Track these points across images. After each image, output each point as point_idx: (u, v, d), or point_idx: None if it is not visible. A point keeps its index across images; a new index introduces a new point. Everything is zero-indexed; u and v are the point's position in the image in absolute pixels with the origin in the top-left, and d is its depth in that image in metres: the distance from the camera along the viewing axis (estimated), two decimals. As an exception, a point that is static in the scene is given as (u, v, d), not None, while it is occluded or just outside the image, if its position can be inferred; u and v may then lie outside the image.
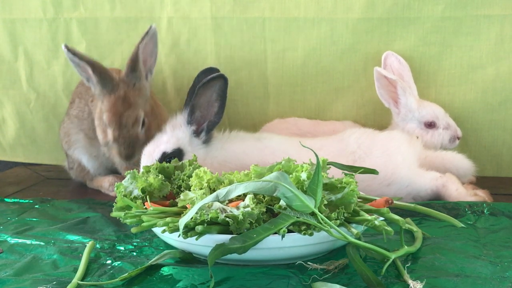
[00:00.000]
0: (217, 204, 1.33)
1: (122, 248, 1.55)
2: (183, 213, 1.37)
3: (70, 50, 1.92)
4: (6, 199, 2.02)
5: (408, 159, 1.89)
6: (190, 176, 1.59)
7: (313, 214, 1.28)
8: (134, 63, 1.94)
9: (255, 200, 1.35)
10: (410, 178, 1.85)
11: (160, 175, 1.60)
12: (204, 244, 1.30)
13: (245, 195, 1.36)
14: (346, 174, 1.49)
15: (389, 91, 2.11)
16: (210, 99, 1.86)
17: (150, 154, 1.88)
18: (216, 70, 1.96)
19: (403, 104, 2.10)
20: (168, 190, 1.59)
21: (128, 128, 1.92)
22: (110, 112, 1.91)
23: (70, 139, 2.19)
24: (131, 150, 1.93)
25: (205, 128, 1.90)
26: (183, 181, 1.60)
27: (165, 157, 1.85)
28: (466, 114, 2.19)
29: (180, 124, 1.90)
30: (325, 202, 1.33)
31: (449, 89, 2.19)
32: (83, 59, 1.92)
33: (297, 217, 1.27)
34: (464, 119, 2.19)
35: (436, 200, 1.82)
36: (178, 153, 1.87)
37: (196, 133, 1.90)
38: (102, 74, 1.92)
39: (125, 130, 1.92)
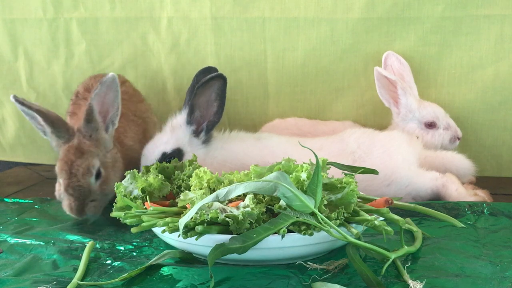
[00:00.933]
0: (217, 204, 1.33)
1: (122, 248, 1.55)
2: (183, 213, 1.37)
3: (18, 101, 1.75)
4: (6, 199, 2.01)
5: (408, 159, 1.89)
6: (190, 176, 1.59)
7: (313, 214, 1.28)
8: (89, 115, 1.74)
9: (255, 200, 1.35)
10: (410, 178, 1.85)
11: (160, 175, 1.60)
12: (204, 244, 1.30)
13: (245, 195, 1.36)
14: (346, 174, 1.49)
15: (390, 91, 2.11)
16: (209, 98, 1.86)
17: (149, 155, 1.88)
18: (215, 69, 1.96)
19: (404, 104, 2.10)
20: (168, 190, 1.59)
21: (78, 177, 1.70)
22: (62, 161, 1.73)
23: None
24: (80, 203, 1.70)
25: (205, 128, 1.90)
26: (183, 181, 1.60)
27: (165, 158, 1.85)
28: (466, 114, 2.19)
29: (180, 124, 1.90)
30: (325, 202, 1.33)
31: (449, 89, 2.19)
32: (32, 108, 1.73)
33: (297, 217, 1.27)
34: (464, 119, 2.19)
35: (436, 200, 1.81)
36: (177, 153, 1.87)
37: (196, 133, 1.90)
38: (55, 123, 1.74)
39: (75, 180, 1.70)
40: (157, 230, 1.42)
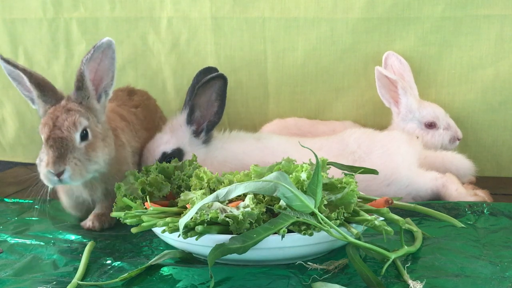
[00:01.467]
0: (217, 204, 1.33)
1: (122, 248, 1.55)
2: (183, 213, 1.37)
3: (4, 60, 1.62)
4: (6, 199, 2.01)
5: (408, 159, 1.89)
6: (190, 176, 1.59)
7: (313, 214, 1.28)
8: (79, 81, 1.61)
9: (255, 200, 1.35)
10: (410, 178, 1.85)
11: (160, 175, 1.60)
12: (204, 244, 1.30)
13: (245, 195, 1.36)
14: (346, 174, 1.49)
15: (390, 90, 2.12)
16: (210, 99, 1.86)
17: (150, 155, 1.88)
18: (215, 69, 1.96)
19: (404, 104, 2.10)
20: (168, 190, 1.59)
21: (61, 129, 1.55)
22: (46, 117, 1.59)
23: None
24: (60, 154, 1.53)
25: (205, 128, 1.90)
26: (183, 181, 1.60)
27: (165, 157, 1.85)
28: (466, 114, 2.19)
29: (180, 124, 1.90)
30: (325, 202, 1.33)
31: (449, 89, 2.19)
32: (18, 67, 1.61)
33: (297, 217, 1.27)
34: (464, 119, 2.19)
35: (436, 200, 1.81)
36: (178, 153, 1.87)
37: (196, 133, 1.90)
38: (41, 85, 1.62)
39: (58, 132, 1.55)
40: (157, 230, 1.42)
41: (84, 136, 1.59)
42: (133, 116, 1.92)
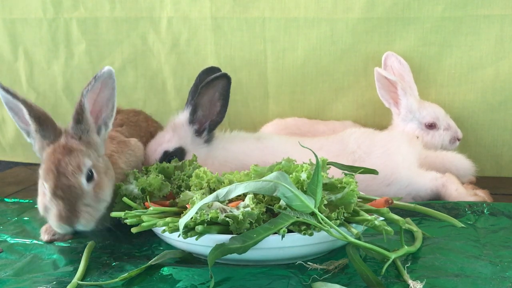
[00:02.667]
0: (217, 204, 1.33)
1: (122, 248, 1.55)
2: (183, 213, 1.37)
3: (3, 88, 1.50)
4: (6, 199, 2.01)
5: (408, 159, 1.89)
6: (190, 176, 1.59)
7: (313, 214, 1.28)
8: (79, 114, 1.50)
9: (255, 200, 1.35)
10: (410, 178, 1.85)
11: (160, 175, 1.60)
12: (204, 244, 1.30)
13: (245, 195, 1.36)
14: (346, 174, 1.49)
15: (390, 91, 2.12)
16: (213, 98, 1.85)
17: (152, 153, 1.87)
18: (218, 69, 1.96)
19: (404, 104, 2.10)
20: (168, 190, 1.59)
21: (67, 176, 1.44)
22: (47, 162, 1.48)
23: None
24: (72, 207, 1.43)
25: (207, 127, 1.89)
26: (183, 181, 1.60)
27: (167, 156, 1.85)
28: (466, 114, 2.19)
29: (182, 123, 1.90)
30: (325, 202, 1.33)
31: (449, 89, 2.19)
32: (18, 98, 1.49)
33: (297, 217, 1.27)
34: (464, 119, 2.19)
35: (436, 200, 1.81)
36: (180, 152, 1.87)
37: (198, 133, 1.89)
38: (41, 119, 1.50)
39: (64, 179, 1.44)
40: (157, 230, 1.42)
41: (90, 177, 1.48)
42: (119, 134, 1.81)
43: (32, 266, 1.44)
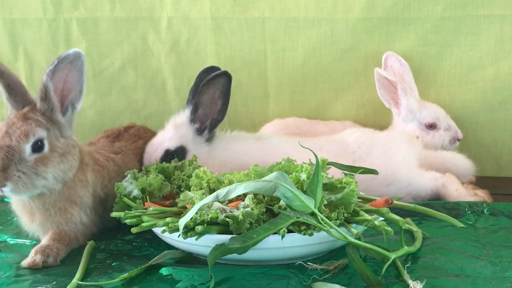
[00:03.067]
0: (217, 204, 1.33)
1: (122, 248, 1.55)
2: (183, 213, 1.37)
3: None
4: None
5: (408, 159, 1.89)
6: (190, 176, 1.59)
7: (313, 214, 1.28)
8: (42, 92, 1.51)
9: (255, 200, 1.35)
10: (410, 178, 1.85)
11: (160, 175, 1.60)
12: (204, 244, 1.30)
13: (245, 195, 1.36)
14: (346, 174, 1.49)
15: (390, 92, 2.12)
16: (213, 96, 1.85)
17: (153, 152, 1.87)
18: (218, 68, 1.95)
19: (404, 105, 2.10)
20: (168, 190, 1.59)
21: (11, 137, 1.45)
22: (4, 123, 1.50)
23: None
24: (3, 166, 1.42)
25: (208, 126, 1.89)
26: (183, 181, 1.60)
27: (168, 155, 1.84)
28: (466, 114, 2.19)
29: (183, 122, 1.89)
30: (325, 202, 1.33)
31: (449, 89, 2.19)
32: None
33: (297, 217, 1.27)
34: (464, 119, 2.19)
35: (436, 200, 1.81)
36: (181, 151, 1.86)
37: (199, 131, 1.89)
38: (11, 87, 1.52)
39: (7, 139, 1.45)
40: (157, 230, 1.42)
41: (38, 148, 1.48)
42: (111, 162, 1.75)
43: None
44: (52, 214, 1.55)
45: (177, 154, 1.83)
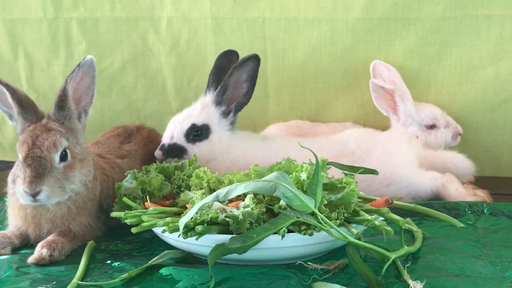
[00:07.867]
0: (217, 204, 1.33)
1: (122, 248, 1.55)
2: (183, 213, 1.37)
3: None
4: (6, 199, 2.01)
5: (408, 159, 1.90)
6: (190, 176, 1.59)
7: (313, 214, 1.28)
8: (62, 101, 1.56)
9: (255, 200, 1.35)
10: (410, 178, 1.86)
11: (160, 175, 1.60)
12: (204, 244, 1.30)
13: (245, 195, 1.36)
14: (346, 174, 1.49)
15: (386, 99, 2.12)
16: (240, 79, 1.84)
17: (179, 123, 1.86)
18: (236, 52, 1.95)
19: (402, 110, 2.11)
20: (168, 190, 1.59)
21: (41, 149, 1.50)
22: (25, 136, 1.53)
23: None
24: (38, 174, 1.47)
25: (233, 109, 1.89)
26: (183, 181, 1.60)
27: (194, 129, 1.83)
28: (466, 114, 2.20)
29: (209, 104, 1.88)
30: (325, 202, 1.33)
31: (449, 89, 2.19)
32: (1, 81, 1.54)
33: (297, 217, 1.27)
34: (464, 119, 2.19)
35: (436, 200, 1.82)
36: (206, 129, 1.85)
37: (225, 114, 1.88)
38: (23, 102, 1.56)
39: (37, 150, 1.50)
40: (157, 230, 1.42)
41: (63, 157, 1.54)
42: (116, 169, 1.77)
43: (32, 266, 1.44)
44: (59, 225, 1.56)
45: (201, 130, 1.83)
